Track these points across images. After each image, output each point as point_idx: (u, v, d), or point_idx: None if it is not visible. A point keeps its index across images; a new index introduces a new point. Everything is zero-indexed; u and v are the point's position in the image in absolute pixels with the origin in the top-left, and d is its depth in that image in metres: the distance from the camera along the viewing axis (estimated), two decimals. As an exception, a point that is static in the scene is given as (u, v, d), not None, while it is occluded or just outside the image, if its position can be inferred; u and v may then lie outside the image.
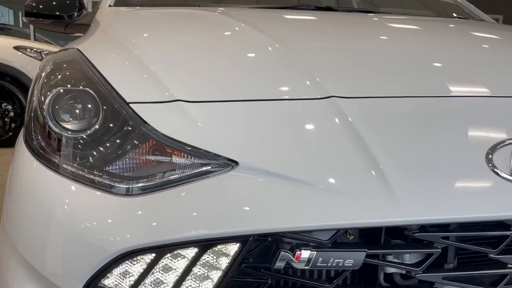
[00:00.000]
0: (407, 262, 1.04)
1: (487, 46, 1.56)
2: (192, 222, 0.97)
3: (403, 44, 1.48)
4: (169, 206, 0.99)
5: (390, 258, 1.07)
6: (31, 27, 9.04)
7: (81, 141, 1.07)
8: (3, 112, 5.51)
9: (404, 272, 1.09)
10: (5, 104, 5.53)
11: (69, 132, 1.09)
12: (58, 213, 1.04)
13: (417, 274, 1.02)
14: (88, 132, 1.07)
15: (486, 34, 1.70)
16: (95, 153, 1.06)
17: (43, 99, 1.14)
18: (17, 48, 5.59)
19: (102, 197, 1.01)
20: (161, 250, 0.97)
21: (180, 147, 1.03)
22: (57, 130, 1.09)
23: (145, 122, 1.06)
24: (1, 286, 1.16)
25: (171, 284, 0.98)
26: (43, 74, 1.24)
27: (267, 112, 1.09)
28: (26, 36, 8.19)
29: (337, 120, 1.07)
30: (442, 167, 1.03)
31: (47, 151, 1.10)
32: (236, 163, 1.00)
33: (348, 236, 1.05)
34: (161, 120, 1.07)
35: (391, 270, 1.09)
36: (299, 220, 0.96)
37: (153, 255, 0.98)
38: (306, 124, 1.08)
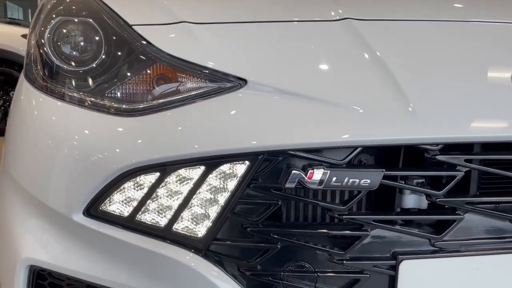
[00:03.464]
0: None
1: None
2: (198, 139, 0.91)
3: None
4: (174, 124, 0.93)
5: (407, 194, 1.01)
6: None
7: (85, 69, 1.03)
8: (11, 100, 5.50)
9: (422, 206, 1.02)
10: (13, 92, 5.50)
11: (71, 65, 1.04)
12: (58, 138, 0.99)
13: (438, 198, 0.95)
14: (93, 64, 1.03)
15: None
16: (99, 79, 1.01)
17: (44, 33, 1.10)
18: (24, 36, 5.58)
19: (105, 119, 0.96)
20: (165, 168, 0.92)
21: (186, 66, 0.98)
22: (58, 62, 1.05)
23: (150, 43, 1.00)
24: (3, 224, 1.12)
25: (176, 207, 0.93)
26: (44, 9, 1.19)
27: (277, 33, 1.03)
28: (35, 30, 8.20)
29: (352, 40, 1.00)
30: (464, 88, 0.97)
31: (48, 81, 1.06)
32: (245, 81, 0.95)
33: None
34: (166, 41, 1.01)
35: (408, 204, 1.02)
36: (312, 137, 0.90)
37: (157, 174, 0.92)
38: (319, 44, 1.01)
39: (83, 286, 1.02)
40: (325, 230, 0.96)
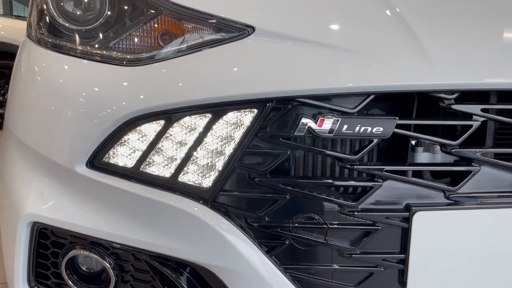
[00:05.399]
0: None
1: None
2: (203, 86, 0.88)
3: None
4: (179, 72, 0.90)
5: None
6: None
7: (89, 27, 1.00)
8: (16, 93, 5.48)
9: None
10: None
11: (76, 22, 1.02)
12: (60, 91, 0.97)
13: (453, 149, 0.92)
14: (98, 19, 1.00)
15: None
16: (103, 33, 0.98)
17: None
18: (29, 29, 5.57)
19: (109, 69, 0.94)
20: (169, 116, 0.89)
21: (192, 15, 0.95)
22: (61, 20, 1.02)
23: None
24: (6, 181, 1.09)
25: (181, 156, 0.90)
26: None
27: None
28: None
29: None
30: (482, 35, 0.92)
31: (49, 36, 1.03)
32: (253, 28, 0.92)
33: None
34: None
35: (420, 159, 0.99)
36: (323, 82, 0.87)
37: (161, 123, 0.89)
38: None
39: (86, 243, 1.00)
40: (335, 181, 0.92)
